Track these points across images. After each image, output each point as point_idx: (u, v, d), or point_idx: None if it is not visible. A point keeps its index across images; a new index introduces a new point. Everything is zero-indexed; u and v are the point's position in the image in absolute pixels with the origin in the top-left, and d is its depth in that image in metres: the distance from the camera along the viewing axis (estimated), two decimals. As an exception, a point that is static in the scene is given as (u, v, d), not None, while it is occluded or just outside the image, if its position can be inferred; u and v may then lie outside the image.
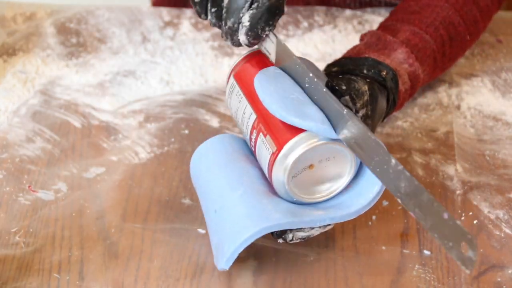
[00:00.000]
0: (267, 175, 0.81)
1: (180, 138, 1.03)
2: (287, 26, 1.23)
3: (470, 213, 0.92)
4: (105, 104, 1.09)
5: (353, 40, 1.19)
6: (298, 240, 0.81)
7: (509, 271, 0.85)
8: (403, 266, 0.86)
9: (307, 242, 0.88)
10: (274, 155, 0.78)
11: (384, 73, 0.90)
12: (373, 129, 0.87)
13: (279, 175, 0.78)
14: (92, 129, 1.05)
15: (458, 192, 0.94)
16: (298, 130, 0.77)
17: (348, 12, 1.25)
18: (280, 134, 0.78)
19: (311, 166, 0.78)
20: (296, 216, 0.78)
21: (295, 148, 0.77)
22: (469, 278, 0.84)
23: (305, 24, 1.23)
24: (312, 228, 0.80)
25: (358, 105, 0.81)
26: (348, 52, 0.98)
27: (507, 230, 0.90)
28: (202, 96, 1.10)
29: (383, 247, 0.88)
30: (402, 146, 1.01)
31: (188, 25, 1.24)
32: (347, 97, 0.81)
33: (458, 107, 1.07)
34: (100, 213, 0.92)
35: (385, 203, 0.93)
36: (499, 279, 0.84)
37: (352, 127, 0.74)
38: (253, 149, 0.84)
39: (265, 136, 0.80)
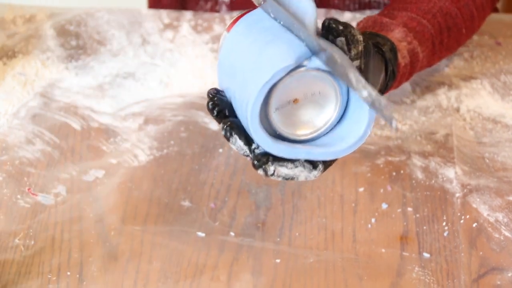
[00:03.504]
0: None
1: (179, 140, 1.03)
2: (287, 29, 1.23)
3: (470, 216, 0.92)
4: (104, 106, 1.09)
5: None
6: (280, 179, 0.77)
7: (509, 274, 0.85)
8: (402, 268, 0.86)
9: (307, 244, 0.88)
10: None
11: (382, 44, 0.89)
12: None
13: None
14: (91, 132, 1.05)
15: (457, 194, 0.95)
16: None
17: (347, 14, 1.25)
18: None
19: (295, 101, 0.77)
20: (276, 141, 0.76)
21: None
22: (468, 281, 0.84)
23: (305, 26, 1.23)
24: (296, 167, 0.76)
25: (353, 53, 0.78)
26: None
27: (507, 233, 0.90)
28: (202, 99, 1.10)
29: (383, 250, 0.88)
30: (401, 148, 1.01)
31: (188, 28, 1.24)
32: (342, 39, 0.77)
33: (458, 110, 1.08)
34: (100, 216, 0.92)
35: (384, 206, 0.93)
36: (498, 282, 0.84)
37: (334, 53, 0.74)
38: None
39: None
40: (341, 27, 0.77)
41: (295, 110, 0.77)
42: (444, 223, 0.91)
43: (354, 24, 1.19)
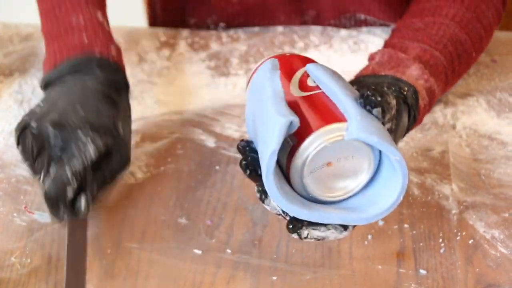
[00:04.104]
0: (284, 167, 0.79)
1: (176, 158, 1.03)
2: (283, 46, 1.24)
3: (466, 233, 0.92)
4: (101, 124, 1.09)
5: (349, 60, 1.19)
6: (313, 240, 0.78)
7: (505, 291, 0.85)
8: (399, 285, 0.86)
9: (304, 261, 0.88)
10: (295, 147, 0.76)
11: (405, 90, 0.89)
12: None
13: (297, 168, 0.76)
14: (88, 149, 1.05)
15: (453, 211, 0.95)
16: (319, 125, 0.76)
17: (343, 32, 1.26)
18: (301, 125, 0.77)
19: (329, 164, 0.78)
20: (311, 207, 0.77)
21: (316, 141, 0.75)
22: (465, 298, 0.84)
23: (301, 44, 1.24)
24: (328, 230, 0.77)
25: (386, 118, 0.80)
26: (362, 72, 0.96)
27: (503, 250, 0.90)
28: (198, 116, 1.10)
29: (379, 266, 0.88)
30: (397, 165, 1.01)
31: (185, 45, 1.24)
32: (379, 109, 0.79)
33: (454, 127, 1.08)
34: (96, 234, 0.92)
35: (381, 222, 0.93)
36: (495, 299, 0.84)
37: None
38: None
39: None
40: (379, 98, 0.78)
41: (328, 173, 0.77)
42: (440, 240, 0.91)
43: (361, 50, 1.20)
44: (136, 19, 1.39)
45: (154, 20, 1.37)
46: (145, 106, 1.13)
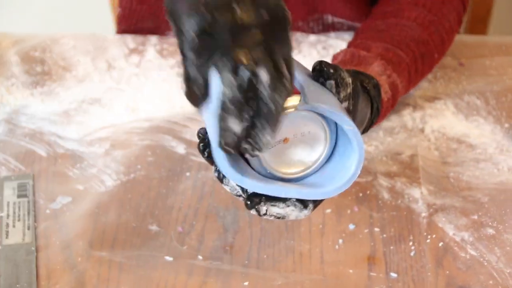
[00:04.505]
0: None
1: (146, 165, 1.03)
2: (252, 52, 1.24)
3: (436, 236, 0.93)
4: (70, 132, 1.09)
5: (318, 65, 1.20)
6: (272, 218, 0.78)
7: (475, 292, 0.86)
8: (370, 289, 0.87)
9: (275, 266, 0.88)
10: None
11: (367, 82, 0.90)
12: None
13: None
14: (58, 158, 1.04)
15: (423, 214, 0.95)
16: None
17: (312, 37, 1.26)
18: None
19: (285, 140, 0.78)
20: (267, 181, 0.76)
21: None
22: (435, 300, 0.85)
23: (270, 49, 1.24)
24: (288, 206, 0.77)
25: (342, 95, 0.80)
26: None
27: (472, 252, 0.91)
28: (169, 123, 1.10)
29: (350, 270, 0.89)
30: (367, 169, 1.02)
31: (153, 52, 1.24)
32: (332, 82, 0.79)
33: (422, 130, 1.09)
34: (67, 243, 0.92)
35: (351, 227, 0.94)
36: (465, 301, 0.85)
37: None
38: None
39: None
40: (331, 70, 0.78)
41: (285, 149, 0.78)
42: (410, 243, 0.92)
43: (329, 55, 1.21)
44: (104, 27, 1.38)
45: (123, 24, 1.36)
46: (115, 114, 1.12)
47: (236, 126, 0.70)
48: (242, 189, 0.77)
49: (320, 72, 0.79)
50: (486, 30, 1.68)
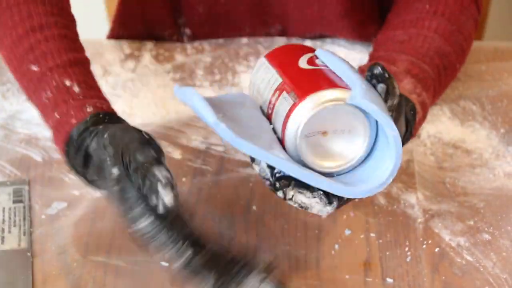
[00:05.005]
0: (280, 129, 0.79)
1: (142, 170, 1.03)
2: (248, 57, 1.24)
3: (432, 241, 0.92)
4: (66, 138, 1.08)
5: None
6: (296, 205, 0.78)
7: (471, 298, 0.86)
8: (366, 294, 0.87)
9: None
10: (295, 104, 0.77)
11: (406, 102, 0.88)
12: None
13: (293, 126, 0.77)
14: (53, 163, 1.04)
15: (419, 220, 0.95)
16: (323, 87, 0.77)
17: (308, 43, 1.26)
18: (305, 86, 0.78)
19: (324, 133, 0.78)
20: (301, 167, 0.76)
21: (317, 100, 0.76)
22: (432, 305, 0.85)
23: (266, 55, 1.24)
24: (314, 197, 0.77)
25: (389, 103, 0.79)
26: None
27: (468, 257, 0.90)
28: (164, 128, 1.10)
29: (346, 276, 0.89)
30: (363, 175, 1.02)
31: (149, 57, 1.24)
32: (384, 86, 0.79)
33: (418, 135, 1.09)
34: (63, 248, 0.92)
35: (347, 232, 0.93)
36: (461, 306, 0.85)
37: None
38: (270, 111, 0.81)
39: (288, 92, 0.79)
40: (387, 75, 0.78)
41: (322, 142, 0.78)
42: (406, 249, 0.92)
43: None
44: (99, 32, 1.38)
45: (118, 30, 1.36)
46: (111, 119, 1.12)
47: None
48: (271, 172, 0.77)
49: (376, 74, 0.78)
50: (482, 36, 1.69)
